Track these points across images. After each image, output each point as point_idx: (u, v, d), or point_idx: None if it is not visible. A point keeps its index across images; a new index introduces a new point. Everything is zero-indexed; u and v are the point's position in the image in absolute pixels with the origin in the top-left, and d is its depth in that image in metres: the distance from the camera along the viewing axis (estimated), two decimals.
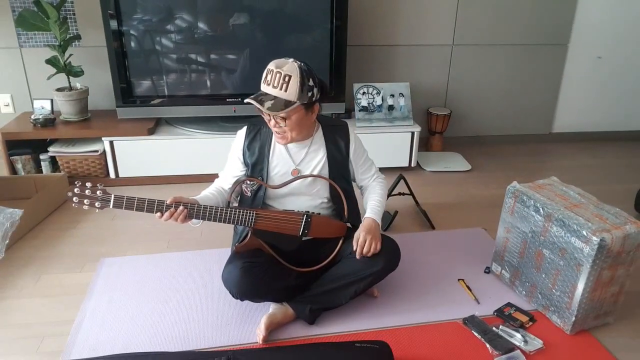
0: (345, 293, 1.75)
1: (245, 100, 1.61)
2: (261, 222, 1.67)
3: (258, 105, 1.58)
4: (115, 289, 1.93)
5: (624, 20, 3.44)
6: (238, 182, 1.79)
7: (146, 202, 1.62)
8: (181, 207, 1.61)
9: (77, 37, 2.86)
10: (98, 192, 1.59)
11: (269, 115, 1.61)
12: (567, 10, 3.36)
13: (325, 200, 1.80)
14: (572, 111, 3.67)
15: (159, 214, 1.62)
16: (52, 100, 2.87)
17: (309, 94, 1.60)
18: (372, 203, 1.82)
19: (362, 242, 1.69)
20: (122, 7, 2.61)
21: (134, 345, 1.65)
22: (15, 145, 2.77)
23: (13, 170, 2.78)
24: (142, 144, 2.78)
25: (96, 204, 1.58)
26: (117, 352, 1.61)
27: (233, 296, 1.71)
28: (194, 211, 1.63)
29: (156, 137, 2.80)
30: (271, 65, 1.61)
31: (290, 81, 1.56)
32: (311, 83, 1.60)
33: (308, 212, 1.71)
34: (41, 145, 2.81)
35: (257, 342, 1.65)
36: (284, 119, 1.61)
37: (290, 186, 1.74)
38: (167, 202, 1.62)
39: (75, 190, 1.57)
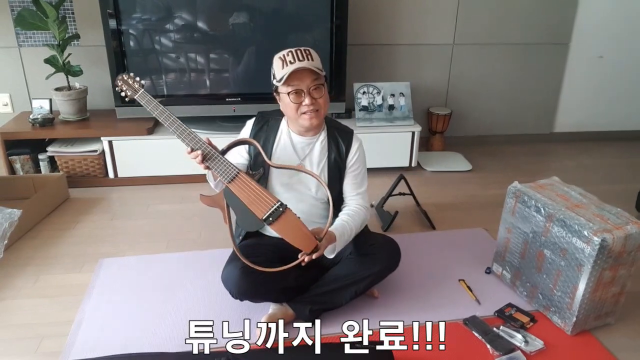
0: (345, 293, 1.74)
1: (289, 71, 1.58)
2: (237, 184, 1.59)
3: (307, 66, 1.57)
4: (114, 289, 1.93)
5: (625, 19, 3.43)
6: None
7: (177, 123, 1.70)
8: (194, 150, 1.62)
9: (76, 37, 2.85)
10: (135, 84, 1.74)
11: (302, 93, 1.61)
12: (568, 10, 3.36)
13: (326, 200, 1.80)
14: (573, 111, 3.67)
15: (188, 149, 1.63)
16: (50, 100, 2.86)
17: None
18: (343, 222, 1.69)
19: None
20: (121, 6, 2.60)
21: (134, 345, 1.64)
22: (13, 145, 2.76)
23: (12, 170, 2.78)
24: (141, 143, 2.78)
25: (129, 92, 1.74)
26: (116, 352, 1.60)
27: (233, 296, 1.71)
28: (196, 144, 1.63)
29: (155, 136, 2.79)
30: (283, 51, 1.63)
31: (312, 52, 1.63)
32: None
33: (286, 205, 1.58)
34: (40, 145, 2.81)
35: (257, 342, 1.65)
36: (322, 86, 1.64)
37: (293, 183, 1.74)
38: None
39: (124, 76, 1.73)
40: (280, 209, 1.57)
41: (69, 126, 2.82)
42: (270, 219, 1.58)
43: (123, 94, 1.73)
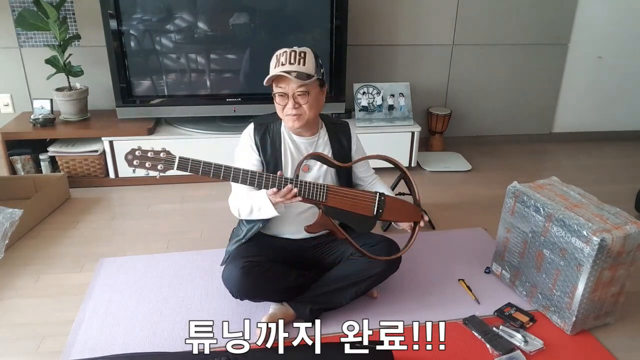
0: (346, 294, 1.75)
1: (270, 76, 1.60)
2: (332, 197, 1.58)
3: (286, 74, 1.57)
4: (114, 289, 1.93)
5: (624, 19, 3.44)
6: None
7: (222, 169, 1.47)
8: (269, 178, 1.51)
9: (77, 37, 2.86)
10: (162, 154, 1.44)
11: (287, 96, 1.62)
12: (568, 10, 3.36)
13: None
14: (572, 111, 3.67)
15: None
16: (51, 100, 2.86)
17: (322, 70, 1.66)
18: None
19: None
20: (121, 6, 2.61)
21: (134, 345, 1.65)
22: (14, 145, 2.76)
23: (13, 170, 2.78)
24: (142, 144, 2.75)
25: (159, 166, 1.44)
26: (116, 352, 1.61)
27: (233, 296, 1.71)
28: (275, 182, 1.52)
29: (156, 137, 2.80)
30: (281, 50, 1.64)
31: (307, 56, 1.62)
32: (320, 62, 1.66)
33: (383, 192, 1.69)
34: (41, 145, 2.81)
35: (257, 342, 1.65)
36: (306, 93, 1.62)
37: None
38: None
39: (137, 152, 1.45)
40: (382, 198, 1.62)
41: (69, 126, 2.82)
42: (380, 211, 1.61)
43: (148, 172, 1.46)
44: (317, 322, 1.73)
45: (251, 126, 1.77)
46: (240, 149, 1.78)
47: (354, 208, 1.61)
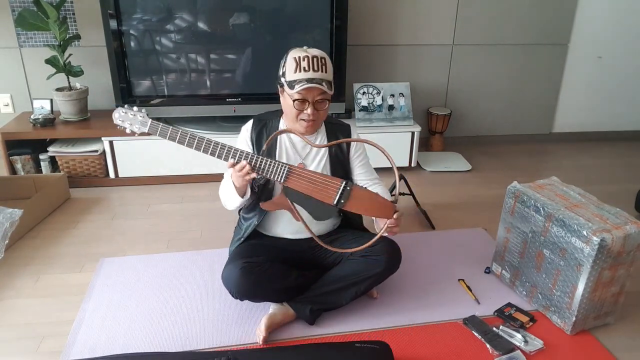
0: (346, 294, 1.74)
1: (309, 85, 1.56)
2: (293, 179, 1.55)
3: (318, 85, 1.57)
4: (115, 289, 1.93)
5: (624, 20, 3.44)
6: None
7: (188, 136, 1.55)
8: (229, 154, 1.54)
9: (77, 37, 2.86)
10: (139, 116, 1.58)
11: (307, 102, 1.60)
12: (567, 10, 3.36)
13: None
14: (572, 111, 3.67)
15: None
16: (51, 100, 2.86)
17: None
18: (383, 188, 1.78)
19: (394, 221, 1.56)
20: (121, 6, 2.61)
21: (134, 345, 1.65)
22: (14, 145, 2.77)
23: (13, 170, 2.78)
24: (142, 144, 2.78)
25: (135, 127, 1.60)
26: (116, 352, 1.61)
27: (233, 296, 1.71)
28: (236, 155, 1.53)
29: (156, 137, 2.78)
30: (299, 52, 1.60)
31: (327, 62, 1.62)
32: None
33: (351, 182, 1.58)
34: (41, 145, 2.81)
35: (257, 342, 1.65)
36: (326, 101, 1.63)
37: None
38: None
39: (122, 111, 1.59)
40: (348, 188, 1.54)
41: (69, 126, 2.82)
42: (342, 201, 1.54)
43: (128, 130, 1.61)
44: (317, 322, 1.74)
45: (250, 122, 1.79)
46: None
47: (315, 194, 1.55)
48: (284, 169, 1.55)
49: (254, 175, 1.53)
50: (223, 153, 1.54)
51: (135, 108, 1.58)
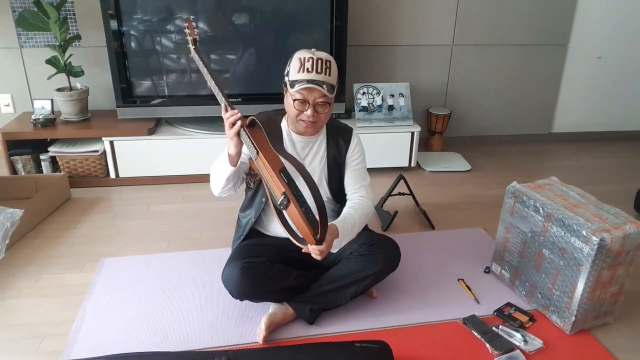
0: (345, 293, 1.75)
1: (308, 85, 1.58)
2: (259, 163, 1.55)
3: (317, 87, 1.58)
4: (115, 289, 1.93)
5: (624, 20, 3.44)
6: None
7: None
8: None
9: (77, 37, 2.86)
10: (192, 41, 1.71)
11: (307, 103, 1.61)
12: (567, 10, 3.37)
13: (331, 197, 1.82)
14: (572, 111, 3.68)
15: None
16: (52, 100, 2.87)
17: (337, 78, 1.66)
18: (345, 214, 1.70)
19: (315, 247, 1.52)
20: (122, 7, 2.61)
21: (134, 345, 1.65)
22: (15, 145, 2.77)
23: (13, 170, 2.79)
24: (142, 144, 2.79)
25: (189, 37, 1.73)
26: (117, 352, 1.61)
27: (233, 296, 1.71)
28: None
29: (156, 137, 2.80)
30: (305, 53, 1.61)
31: (331, 65, 1.62)
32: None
33: (289, 199, 1.50)
34: (41, 145, 2.81)
35: (257, 342, 1.66)
36: (327, 104, 1.63)
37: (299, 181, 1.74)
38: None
39: (192, 22, 1.73)
40: (285, 202, 1.51)
41: (70, 126, 2.83)
42: (281, 207, 1.54)
43: (188, 37, 1.74)
44: (317, 321, 1.75)
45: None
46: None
47: (269, 184, 1.55)
48: (255, 150, 1.54)
49: (237, 126, 1.53)
50: (221, 94, 1.59)
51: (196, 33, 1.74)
